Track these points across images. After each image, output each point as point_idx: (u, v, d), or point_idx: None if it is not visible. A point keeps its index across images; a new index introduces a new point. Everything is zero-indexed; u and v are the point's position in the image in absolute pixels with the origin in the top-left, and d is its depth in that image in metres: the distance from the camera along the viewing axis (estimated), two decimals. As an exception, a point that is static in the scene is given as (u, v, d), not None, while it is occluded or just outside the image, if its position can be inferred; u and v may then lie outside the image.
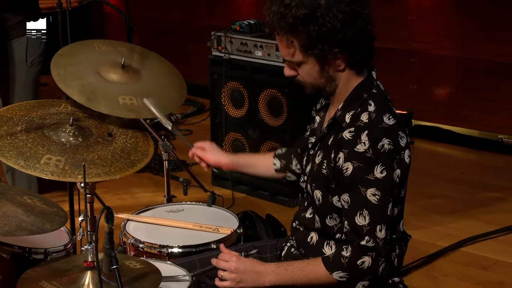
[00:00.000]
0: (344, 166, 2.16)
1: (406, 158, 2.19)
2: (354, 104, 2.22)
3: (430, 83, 5.45)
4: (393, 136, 2.16)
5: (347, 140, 2.16)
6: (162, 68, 2.99)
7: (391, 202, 2.16)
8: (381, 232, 2.14)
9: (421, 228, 4.11)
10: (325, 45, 2.16)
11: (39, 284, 2.20)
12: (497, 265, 3.80)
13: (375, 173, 2.12)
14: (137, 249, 2.68)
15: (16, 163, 2.42)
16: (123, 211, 2.95)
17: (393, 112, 2.22)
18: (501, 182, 4.74)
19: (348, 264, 2.16)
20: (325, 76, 2.23)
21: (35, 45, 3.81)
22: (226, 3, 6.30)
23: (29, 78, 3.84)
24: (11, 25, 3.73)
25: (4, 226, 2.11)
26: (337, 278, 2.18)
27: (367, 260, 2.15)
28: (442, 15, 5.31)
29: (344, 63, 2.21)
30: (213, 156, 2.67)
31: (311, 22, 2.12)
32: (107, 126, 2.70)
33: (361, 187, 2.14)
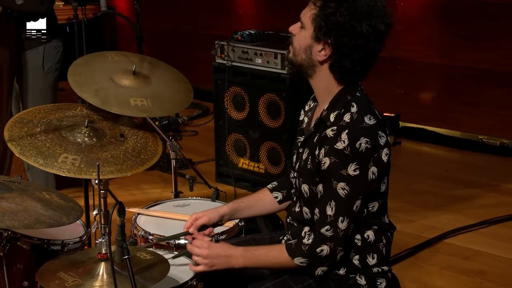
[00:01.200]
0: (323, 160, 2.17)
1: (384, 156, 2.17)
2: (339, 105, 2.22)
3: (416, 88, 5.45)
4: (372, 135, 2.15)
5: (329, 138, 2.16)
6: (170, 74, 2.99)
7: (359, 199, 2.16)
8: (342, 224, 2.15)
9: (407, 221, 4.10)
10: (324, 27, 2.16)
11: (57, 274, 2.20)
12: (477, 255, 3.80)
13: (348, 170, 2.13)
14: (147, 241, 2.68)
15: (35, 161, 2.42)
16: (134, 206, 2.95)
17: (374, 113, 2.21)
18: (481, 179, 4.73)
19: (308, 251, 2.18)
20: (307, 55, 2.23)
21: (51, 54, 3.81)
22: (229, 15, 6.30)
23: (47, 84, 3.83)
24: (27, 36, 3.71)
25: (25, 219, 2.11)
26: (298, 263, 2.20)
27: (326, 249, 2.17)
28: (427, 26, 5.31)
29: (325, 57, 2.20)
30: (212, 212, 2.52)
31: (336, 5, 2.13)
32: (119, 128, 2.70)
33: (333, 180, 2.14)
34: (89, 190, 3.40)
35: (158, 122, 4.96)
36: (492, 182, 4.67)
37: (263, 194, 2.59)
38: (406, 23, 5.31)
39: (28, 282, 2.56)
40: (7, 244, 2.52)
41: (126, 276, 2.10)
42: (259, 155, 4.55)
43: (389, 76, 5.37)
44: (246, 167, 4.62)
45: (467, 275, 3.61)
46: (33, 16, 3.68)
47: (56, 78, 3.87)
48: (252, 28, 4.69)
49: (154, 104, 2.73)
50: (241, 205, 2.56)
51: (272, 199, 2.57)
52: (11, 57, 3.64)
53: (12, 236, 2.53)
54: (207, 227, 2.50)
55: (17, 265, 2.55)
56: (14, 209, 2.13)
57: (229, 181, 4.64)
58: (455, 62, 5.20)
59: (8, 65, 3.57)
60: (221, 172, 4.74)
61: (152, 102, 2.73)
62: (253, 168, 4.59)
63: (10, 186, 2.26)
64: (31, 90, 3.80)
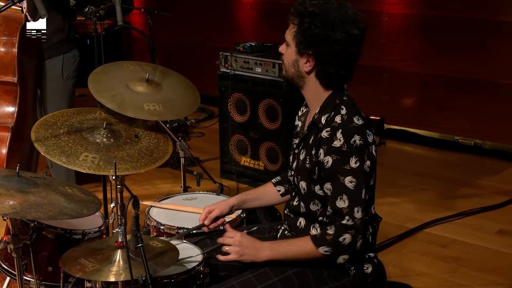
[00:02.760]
0: (325, 160, 2.15)
1: (373, 151, 2.18)
2: (328, 109, 2.22)
3: (399, 94, 5.44)
4: (362, 133, 2.15)
5: (325, 138, 2.16)
6: (180, 82, 2.99)
7: (364, 188, 2.15)
8: (358, 213, 2.13)
9: (391, 213, 4.10)
10: (304, 41, 2.17)
11: (78, 261, 2.20)
12: (454, 243, 3.80)
13: (350, 164, 2.12)
14: (159, 231, 2.68)
15: (59, 159, 2.41)
16: (147, 199, 2.95)
17: (361, 115, 2.21)
18: (457, 175, 4.73)
19: (332, 240, 2.15)
20: (296, 68, 2.24)
21: (69, 63, 3.81)
22: (232, 29, 6.29)
23: (65, 90, 3.82)
24: (48, 47, 3.71)
25: (49, 211, 2.10)
26: (323, 252, 2.17)
27: (348, 237, 2.14)
28: (408, 39, 5.31)
29: (311, 68, 2.21)
30: (222, 204, 2.53)
31: (311, 19, 2.14)
32: (134, 130, 2.69)
33: (340, 176, 2.13)
34: (107, 185, 3.40)
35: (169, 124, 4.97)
36: (466, 178, 4.67)
37: (268, 188, 2.59)
38: (390, 36, 5.31)
39: (52, 267, 2.56)
40: (34, 234, 2.52)
41: (140, 262, 2.10)
42: (259, 154, 4.54)
43: (375, 84, 5.37)
44: (247, 164, 4.62)
45: (444, 261, 3.61)
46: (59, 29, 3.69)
47: (73, 85, 3.87)
48: (253, 40, 4.70)
49: (165, 109, 2.72)
50: (248, 197, 2.57)
51: (276, 192, 2.57)
52: (36, 67, 3.63)
53: (38, 227, 2.53)
54: (219, 218, 2.51)
55: (42, 253, 2.55)
56: (40, 202, 2.13)
57: (232, 177, 4.63)
58: (433, 71, 5.20)
59: (34, 74, 3.56)
60: (225, 169, 4.73)
61: (164, 106, 2.73)
62: (253, 166, 4.58)
63: (36, 182, 2.26)
64: (52, 95, 3.79)
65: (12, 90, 3.36)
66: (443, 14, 5.06)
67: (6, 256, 2.60)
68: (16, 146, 3.39)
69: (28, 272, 2.53)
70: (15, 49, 3.33)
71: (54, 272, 2.56)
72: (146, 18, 4.96)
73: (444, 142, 5.26)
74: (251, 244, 2.26)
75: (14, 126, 3.33)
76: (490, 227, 3.97)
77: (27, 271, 2.53)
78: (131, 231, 2.12)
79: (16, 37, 3.34)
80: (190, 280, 2.33)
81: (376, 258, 2.33)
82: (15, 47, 3.33)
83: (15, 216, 2.14)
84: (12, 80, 3.34)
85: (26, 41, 3.40)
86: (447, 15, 5.04)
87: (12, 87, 3.36)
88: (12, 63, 3.33)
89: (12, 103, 3.37)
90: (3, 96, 3.37)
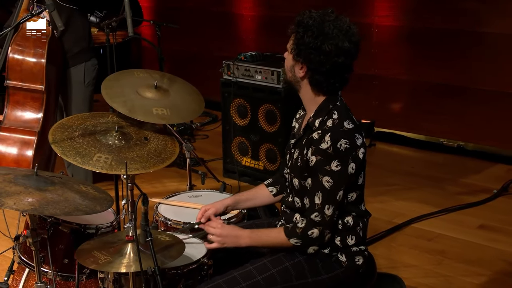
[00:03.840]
0: (310, 158, 2.17)
1: (360, 154, 2.17)
2: (322, 113, 2.23)
3: (388, 100, 5.44)
4: (350, 137, 2.15)
5: (315, 140, 2.17)
6: (186, 88, 2.98)
7: (341, 190, 2.16)
8: (328, 211, 2.15)
9: (381, 209, 4.09)
10: (297, 49, 2.19)
11: (91, 253, 2.19)
12: (439, 237, 3.79)
13: (331, 166, 2.13)
14: (166, 225, 2.67)
15: (74, 160, 2.41)
16: (156, 196, 2.94)
17: (352, 119, 2.21)
18: (441, 174, 4.72)
19: (301, 233, 2.19)
20: (292, 73, 2.26)
21: (90, 70, 3.82)
22: (234, 40, 6.29)
23: (86, 96, 3.83)
24: (71, 56, 3.73)
25: (65, 208, 2.10)
26: (293, 243, 2.21)
27: (316, 232, 2.17)
28: (397, 49, 5.31)
29: (303, 74, 2.22)
30: (218, 204, 2.54)
31: (304, 30, 2.16)
32: (143, 132, 2.69)
33: (319, 174, 2.15)
34: (119, 183, 3.40)
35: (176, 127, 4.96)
36: (450, 177, 4.66)
37: (260, 189, 2.59)
38: (380, 46, 5.31)
39: (68, 259, 2.56)
40: (51, 228, 2.51)
41: (149, 255, 2.10)
42: (258, 155, 4.54)
43: (366, 90, 5.37)
44: (248, 164, 4.61)
45: (430, 254, 3.60)
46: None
47: (93, 91, 3.87)
48: (253, 50, 4.69)
49: (172, 113, 2.72)
50: (242, 198, 2.58)
51: (268, 193, 2.56)
52: (57, 74, 3.63)
53: (55, 222, 2.52)
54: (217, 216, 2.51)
55: (59, 246, 2.55)
56: (57, 199, 2.12)
57: (234, 176, 4.63)
58: (419, 78, 5.20)
59: (56, 81, 3.56)
60: (227, 168, 4.73)
61: (171, 111, 2.72)
62: (253, 165, 4.58)
63: (53, 181, 2.25)
64: (75, 100, 3.80)
65: (39, 98, 3.39)
66: (428, 26, 5.06)
67: (25, 249, 2.60)
68: (41, 148, 3.41)
69: (46, 264, 2.52)
70: (43, 60, 3.37)
71: (70, 264, 2.56)
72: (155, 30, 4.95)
73: (429, 144, 5.25)
74: (231, 233, 2.30)
75: (40, 130, 3.36)
76: (472, 222, 3.96)
77: (45, 263, 2.52)
78: (140, 226, 2.12)
79: (45, 49, 3.37)
80: (196, 271, 2.33)
81: (367, 251, 2.33)
82: (43, 58, 3.37)
83: (33, 212, 2.14)
84: (40, 88, 3.38)
85: (51, 51, 3.43)
86: (431, 27, 5.05)
87: (39, 95, 3.39)
88: (41, 73, 3.36)
89: (38, 109, 3.40)
90: (30, 102, 3.39)
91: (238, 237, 2.29)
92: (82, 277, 2.56)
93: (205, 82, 4.88)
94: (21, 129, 3.37)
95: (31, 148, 3.35)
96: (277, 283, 2.22)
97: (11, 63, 3.36)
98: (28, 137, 3.36)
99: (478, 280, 3.33)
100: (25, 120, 3.40)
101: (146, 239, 2.10)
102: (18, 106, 3.39)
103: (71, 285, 2.62)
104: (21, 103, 3.39)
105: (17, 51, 3.36)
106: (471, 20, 4.84)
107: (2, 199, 2.04)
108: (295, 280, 2.23)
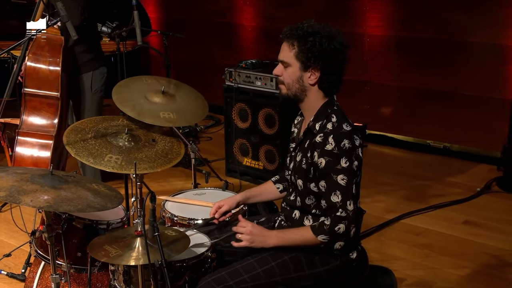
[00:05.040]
0: (319, 161, 2.15)
1: (360, 153, 2.17)
2: (321, 117, 2.22)
3: (379, 104, 5.44)
4: (350, 138, 2.15)
5: (319, 143, 2.15)
6: (191, 93, 2.98)
7: (354, 184, 2.14)
8: (350, 206, 2.13)
9: (372, 206, 4.09)
10: (311, 57, 2.15)
11: (103, 247, 2.19)
12: (426, 232, 3.79)
13: (341, 164, 2.12)
14: (173, 221, 2.66)
15: (87, 160, 2.40)
16: (163, 194, 2.93)
17: (349, 122, 2.21)
18: (428, 173, 4.72)
19: (329, 229, 2.15)
20: (300, 83, 2.22)
21: (98, 78, 3.80)
22: (236, 48, 6.29)
23: (94, 102, 3.81)
24: (81, 64, 3.72)
25: (78, 205, 2.09)
26: (321, 240, 2.17)
27: (342, 227, 2.14)
28: (387, 57, 5.30)
29: (316, 79, 2.19)
30: (230, 200, 2.54)
31: (314, 37, 2.14)
32: (151, 134, 2.68)
33: (333, 174, 2.13)
34: (128, 182, 3.39)
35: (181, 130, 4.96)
36: (437, 176, 4.66)
37: (268, 185, 2.59)
38: (371, 55, 5.30)
39: (81, 253, 2.55)
40: (65, 224, 2.51)
41: (156, 249, 2.09)
42: (258, 155, 4.53)
43: (358, 95, 5.37)
44: (248, 164, 4.60)
45: (418, 247, 3.60)
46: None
47: (101, 97, 3.86)
48: (254, 58, 4.69)
49: (178, 116, 2.71)
50: (252, 194, 2.57)
51: (275, 189, 2.56)
52: (68, 81, 3.63)
53: (69, 218, 2.52)
54: (227, 212, 2.51)
55: (72, 240, 2.54)
56: (70, 197, 2.12)
57: (235, 175, 4.62)
58: (408, 84, 5.20)
59: (67, 87, 3.56)
60: (229, 168, 4.72)
61: (177, 115, 2.72)
62: (254, 165, 4.57)
63: (67, 180, 2.25)
64: (83, 105, 3.79)
65: (54, 103, 3.39)
66: (416, 35, 5.06)
67: (41, 243, 2.59)
68: (56, 150, 3.42)
69: (60, 257, 2.52)
70: (59, 68, 3.36)
71: (83, 257, 2.55)
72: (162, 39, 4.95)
73: (417, 145, 5.25)
74: (260, 233, 2.25)
75: (56, 134, 3.37)
76: (457, 218, 3.96)
77: (59, 256, 2.52)
78: (148, 222, 2.12)
79: (60, 57, 3.37)
80: (200, 264, 2.32)
81: (360, 245, 2.32)
82: (59, 66, 3.36)
83: (49, 209, 2.13)
84: (55, 95, 3.38)
85: (64, 59, 3.42)
86: (420, 37, 5.05)
87: (55, 101, 3.39)
88: (56, 80, 3.36)
89: (54, 115, 3.40)
90: (46, 108, 3.40)
91: (266, 237, 2.24)
92: (94, 270, 2.56)
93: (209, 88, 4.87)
94: (38, 133, 3.37)
95: (49, 150, 3.36)
96: (276, 275, 2.21)
97: (28, 72, 3.35)
98: (45, 141, 3.36)
99: (462, 272, 3.33)
100: (42, 125, 3.39)
101: (153, 234, 2.10)
102: (34, 111, 3.39)
103: (84, 277, 2.61)
104: (37, 109, 3.39)
105: (34, 60, 3.35)
106: (457, 30, 4.84)
107: (20, 196, 2.03)
108: (293, 272, 2.22)
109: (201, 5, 6.43)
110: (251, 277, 2.19)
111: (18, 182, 2.12)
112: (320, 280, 2.23)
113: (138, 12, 3.56)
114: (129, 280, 2.27)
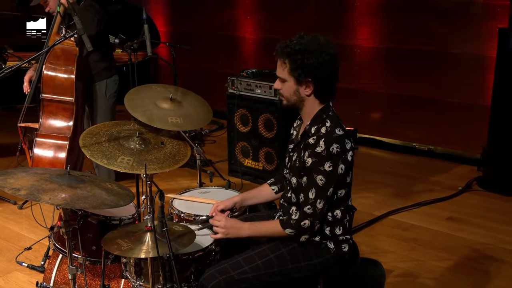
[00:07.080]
0: (307, 160, 2.16)
1: (349, 157, 2.16)
2: (317, 122, 2.21)
3: (369, 110, 5.44)
4: (341, 142, 2.14)
5: (311, 144, 2.15)
6: (197, 100, 2.98)
7: (332, 187, 2.14)
8: (320, 205, 2.14)
9: (363, 204, 4.08)
10: (303, 73, 2.14)
11: (116, 241, 2.18)
12: (412, 227, 3.78)
13: (324, 167, 2.12)
14: (180, 217, 2.66)
15: (101, 161, 2.40)
16: (171, 192, 2.93)
17: (342, 127, 2.20)
18: (414, 174, 4.72)
19: (295, 224, 2.17)
20: (297, 95, 2.21)
21: (111, 85, 3.82)
22: (237, 59, 6.29)
23: (108, 107, 3.83)
24: (95, 73, 3.74)
25: (93, 202, 2.09)
26: (288, 233, 2.19)
27: (307, 222, 2.16)
28: (376, 66, 5.30)
29: (311, 91, 2.19)
30: (227, 201, 2.52)
31: (302, 55, 2.11)
32: (160, 138, 2.68)
33: (314, 173, 2.13)
34: (139, 181, 3.39)
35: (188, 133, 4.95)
36: (422, 176, 4.65)
37: (264, 187, 2.57)
38: (361, 64, 5.30)
39: (95, 246, 2.55)
40: (81, 220, 2.51)
41: (165, 242, 2.09)
42: (258, 157, 4.53)
43: (350, 102, 5.36)
44: (249, 165, 4.60)
45: (405, 241, 3.59)
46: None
47: (114, 103, 3.87)
48: (254, 67, 4.69)
49: (185, 121, 2.71)
50: (249, 195, 2.56)
51: (271, 191, 2.56)
52: (84, 88, 3.63)
53: (84, 214, 2.52)
54: (225, 211, 2.50)
55: (87, 235, 2.54)
56: (86, 195, 2.11)
57: (237, 175, 4.61)
58: (395, 91, 5.19)
59: (82, 93, 3.56)
60: (232, 168, 4.71)
61: (184, 119, 2.72)
62: (254, 166, 4.57)
63: (83, 179, 2.25)
64: (99, 110, 3.80)
65: (69, 108, 3.41)
66: (403, 47, 5.06)
67: (59, 237, 2.59)
68: (72, 151, 3.42)
69: (76, 250, 2.52)
70: (73, 75, 3.39)
71: (97, 251, 2.55)
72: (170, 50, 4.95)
73: (404, 147, 5.24)
74: (233, 225, 2.28)
75: (71, 136, 3.38)
76: (441, 215, 3.95)
77: (76, 250, 2.52)
78: (158, 218, 2.11)
79: (74, 66, 3.39)
80: (205, 256, 2.32)
81: (352, 239, 2.31)
82: (73, 74, 3.39)
83: (66, 206, 2.13)
84: (70, 100, 3.40)
85: (79, 67, 3.44)
86: (406, 48, 5.05)
87: (70, 106, 3.40)
88: (71, 87, 3.38)
89: (69, 118, 3.42)
90: (62, 112, 3.42)
91: (239, 229, 2.27)
92: (107, 262, 2.56)
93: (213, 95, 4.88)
94: (55, 135, 3.39)
95: (64, 151, 3.37)
96: (275, 266, 2.21)
97: (45, 79, 3.37)
98: (61, 142, 3.37)
99: (445, 264, 3.32)
100: (58, 128, 3.41)
101: (162, 229, 2.09)
102: (51, 115, 3.41)
103: (98, 269, 2.61)
104: (54, 113, 3.41)
105: (50, 69, 3.38)
106: (441, 42, 4.85)
107: (39, 195, 2.03)
108: (290, 264, 2.22)
109: (206, 20, 6.45)
110: (251, 268, 2.19)
111: (38, 182, 2.12)
112: (315, 271, 2.23)
113: (148, 25, 3.56)
114: (140, 271, 2.27)
